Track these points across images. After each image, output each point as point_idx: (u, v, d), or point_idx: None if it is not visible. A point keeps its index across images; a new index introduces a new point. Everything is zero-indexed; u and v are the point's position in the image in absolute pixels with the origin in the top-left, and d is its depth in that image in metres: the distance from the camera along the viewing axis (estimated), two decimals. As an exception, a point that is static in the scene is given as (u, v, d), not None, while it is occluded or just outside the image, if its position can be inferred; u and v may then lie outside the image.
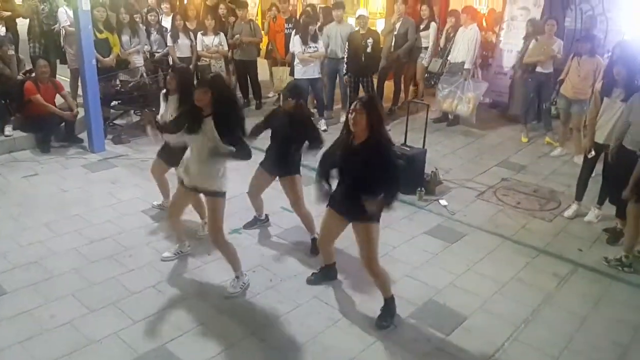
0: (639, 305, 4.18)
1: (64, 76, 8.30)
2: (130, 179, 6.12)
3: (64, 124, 6.94)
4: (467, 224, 5.34)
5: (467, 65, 7.73)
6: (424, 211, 5.61)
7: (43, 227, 4.96)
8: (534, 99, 7.68)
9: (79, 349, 3.48)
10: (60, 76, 8.08)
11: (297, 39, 7.64)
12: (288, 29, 8.66)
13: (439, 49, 8.33)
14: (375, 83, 8.31)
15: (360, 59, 7.70)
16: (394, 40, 8.23)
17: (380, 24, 10.19)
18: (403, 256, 4.72)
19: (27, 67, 7.48)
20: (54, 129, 6.90)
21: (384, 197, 3.43)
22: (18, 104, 6.91)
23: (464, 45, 7.76)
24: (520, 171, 6.71)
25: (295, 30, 8.06)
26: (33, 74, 7.00)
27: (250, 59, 8.77)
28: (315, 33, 7.70)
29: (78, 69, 7.01)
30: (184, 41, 8.29)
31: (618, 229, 5.03)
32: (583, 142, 5.81)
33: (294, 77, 7.64)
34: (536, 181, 6.40)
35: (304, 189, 4.68)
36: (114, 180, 6.06)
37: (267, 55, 9.45)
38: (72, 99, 7.39)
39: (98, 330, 3.64)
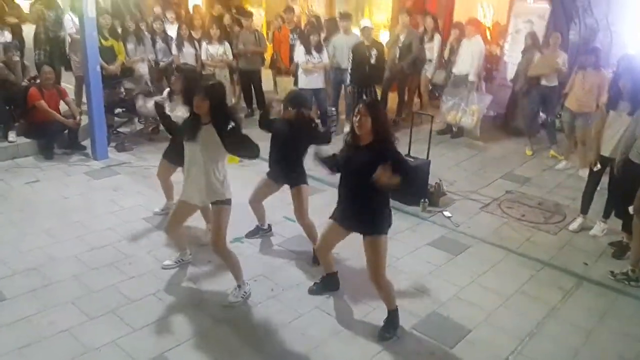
0: (646, 319, 4.13)
1: (68, 84, 8.31)
2: (132, 186, 6.09)
3: (67, 131, 6.93)
4: (471, 236, 5.30)
5: (472, 78, 7.74)
6: (428, 222, 5.56)
7: (44, 234, 4.93)
8: (537, 111, 7.67)
9: (77, 357, 3.43)
10: (66, 84, 8.09)
11: (301, 49, 7.68)
12: (293, 39, 8.69)
13: (443, 61, 8.33)
14: (379, 94, 8.31)
15: (364, 69, 7.71)
16: (398, 51, 8.25)
17: (384, 36, 10.22)
18: (406, 267, 4.67)
19: (32, 74, 7.50)
20: (57, 135, 6.90)
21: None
22: (22, 110, 6.92)
23: (468, 57, 7.77)
24: (525, 184, 6.67)
25: (299, 41, 8.09)
26: (38, 81, 7.02)
27: (254, 69, 8.80)
28: (319, 43, 7.73)
29: (83, 76, 7.02)
30: (189, 50, 8.31)
31: (624, 243, 4.98)
32: (588, 156, 5.77)
33: (298, 87, 7.64)
34: (541, 194, 6.36)
35: (309, 198, 4.63)
36: (116, 187, 6.03)
37: (272, 65, 9.47)
38: (76, 106, 7.41)
39: (97, 338, 3.60)
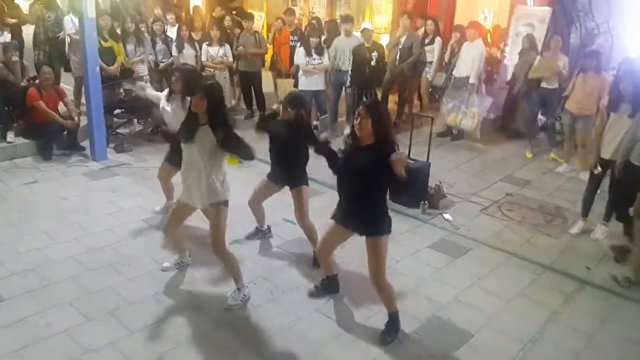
0: (648, 323, 4.11)
1: (67, 84, 8.28)
2: (131, 187, 6.06)
3: (66, 132, 6.90)
4: (472, 239, 5.27)
5: (472, 80, 7.72)
6: (428, 225, 5.54)
7: (42, 235, 4.89)
8: (537, 113, 7.67)
9: (75, 359, 3.41)
10: (65, 85, 8.06)
11: (301, 51, 7.68)
12: (293, 41, 8.68)
13: (444, 63, 8.32)
14: (379, 96, 8.29)
15: (364, 71, 7.69)
16: (398, 54, 8.24)
17: (385, 39, 10.20)
18: (406, 270, 4.64)
19: (31, 74, 7.47)
20: (55, 136, 6.86)
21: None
22: (21, 111, 6.88)
23: (468, 60, 7.76)
24: (525, 187, 6.65)
25: (300, 43, 8.08)
26: (37, 81, 6.99)
27: (254, 71, 8.78)
28: (319, 45, 7.71)
29: (82, 77, 7.00)
30: (189, 51, 8.28)
31: (626, 247, 4.95)
32: (589, 158, 5.75)
33: (298, 89, 7.62)
34: (541, 197, 6.34)
35: (310, 201, 4.60)
36: (115, 188, 6.00)
37: (272, 67, 9.45)
38: (75, 107, 7.38)
39: (95, 340, 3.57)
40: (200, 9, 11.24)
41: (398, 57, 8.24)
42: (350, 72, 7.82)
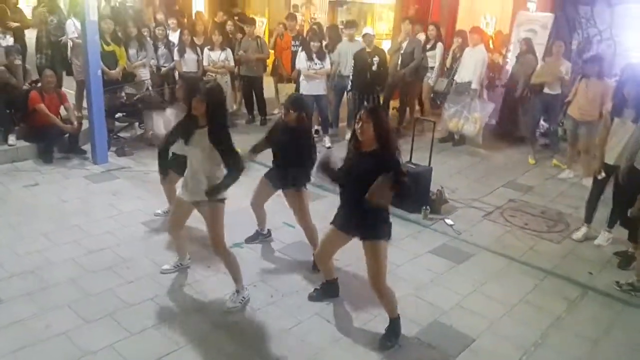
0: (653, 330, 4.06)
1: (69, 88, 8.28)
2: (131, 190, 6.05)
3: (67, 135, 6.90)
4: (474, 244, 5.23)
5: (474, 85, 7.71)
6: (429, 230, 5.50)
7: (41, 237, 4.87)
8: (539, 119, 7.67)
9: (73, 361, 3.38)
10: (67, 89, 8.05)
11: (303, 56, 7.69)
12: (295, 46, 8.68)
13: (445, 68, 8.30)
14: (381, 101, 8.28)
15: (365, 76, 7.69)
16: (400, 59, 8.23)
17: (386, 45, 10.22)
18: (407, 275, 4.61)
19: (33, 78, 7.48)
20: (56, 139, 6.86)
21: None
22: (22, 114, 6.88)
23: (470, 66, 7.74)
24: (528, 192, 6.62)
25: (301, 48, 8.08)
26: (39, 84, 6.99)
27: (256, 75, 8.77)
28: (321, 50, 7.72)
29: (84, 81, 6.99)
30: (190, 56, 8.29)
31: (630, 253, 4.91)
32: (592, 164, 5.72)
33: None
34: (544, 203, 6.31)
35: (310, 204, 4.58)
36: (115, 191, 5.98)
37: (273, 72, 9.46)
38: (77, 111, 7.39)
39: (93, 342, 3.54)
40: (203, 14, 11.30)
41: (400, 62, 8.23)
42: (351, 77, 7.82)
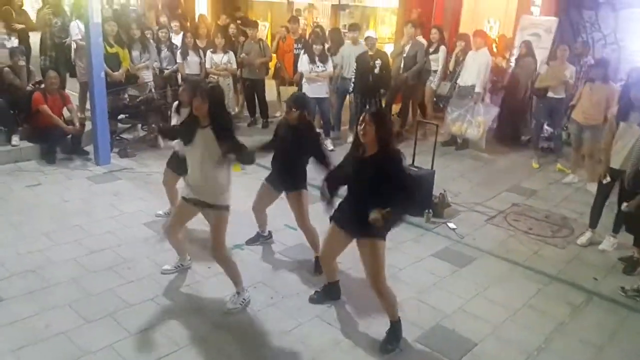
0: (658, 336, 4.01)
1: (73, 90, 8.30)
2: (133, 191, 6.04)
3: (70, 136, 6.90)
4: (477, 248, 5.20)
5: (478, 89, 7.66)
6: (432, 233, 5.47)
7: (43, 237, 4.86)
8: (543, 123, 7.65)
9: (72, 360, 3.35)
10: (71, 91, 8.07)
11: (305, 58, 7.69)
12: (297, 49, 8.68)
13: (448, 72, 8.28)
14: (383, 104, 8.25)
15: (367, 79, 7.68)
16: (402, 62, 8.22)
17: (389, 49, 10.21)
18: (409, 278, 4.57)
19: (37, 79, 7.49)
20: (59, 140, 6.86)
21: (393, 208, 3.29)
22: (26, 115, 6.90)
23: (473, 69, 7.70)
24: (531, 197, 6.58)
25: (304, 50, 8.08)
26: (42, 85, 7.00)
27: (258, 78, 8.75)
28: (323, 53, 7.71)
29: (87, 82, 7.00)
30: (193, 58, 8.30)
31: (635, 258, 4.86)
32: (597, 169, 5.68)
33: (301, 96, 7.60)
34: (548, 207, 6.27)
35: (310, 206, 4.55)
36: (117, 192, 5.98)
37: (275, 75, 9.46)
38: (80, 113, 7.39)
39: (93, 342, 3.52)
40: (206, 17, 11.30)
41: (402, 66, 8.22)
42: (353, 80, 7.81)
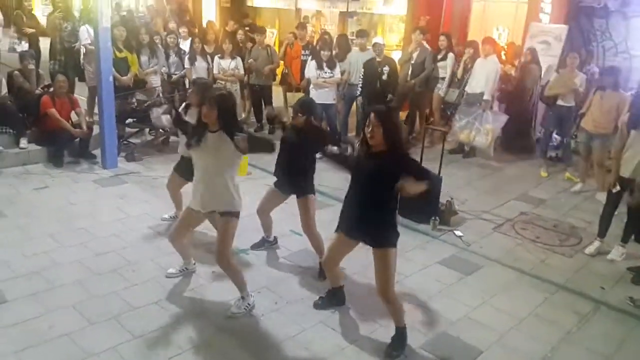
0: (667, 347, 3.95)
1: (82, 94, 8.34)
2: (139, 195, 6.05)
3: (78, 139, 6.93)
4: (483, 256, 5.15)
5: (487, 97, 7.62)
6: (438, 241, 5.43)
7: (48, 238, 4.87)
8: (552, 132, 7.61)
9: (75, 362, 3.34)
10: (79, 95, 8.11)
11: (313, 64, 7.70)
12: (305, 56, 8.70)
13: (456, 79, 8.25)
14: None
15: (375, 86, 7.68)
16: (410, 69, 8.20)
17: (396, 56, 10.21)
18: (415, 285, 4.54)
19: (46, 83, 7.54)
20: (67, 144, 6.90)
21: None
22: (34, 118, 6.93)
23: (482, 76, 7.67)
24: (540, 205, 6.52)
25: (311, 57, 8.09)
26: (51, 89, 7.05)
27: (265, 84, 8.76)
28: (331, 59, 7.72)
29: (96, 87, 7.04)
30: (201, 64, 8.33)
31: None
32: (607, 178, 5.62)
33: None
34: (556, 216, 6.21)
35: (316, 213, 4.54)
36: (123, 195, 5.99)
37: (282, 81, 9.47)
38: (88, 117, 7.43)
39: (97, 344, 3.51)
40: (214, 23, 11.37)
41: (410, 73, 8.20)
42: (360, 86, 7.80)
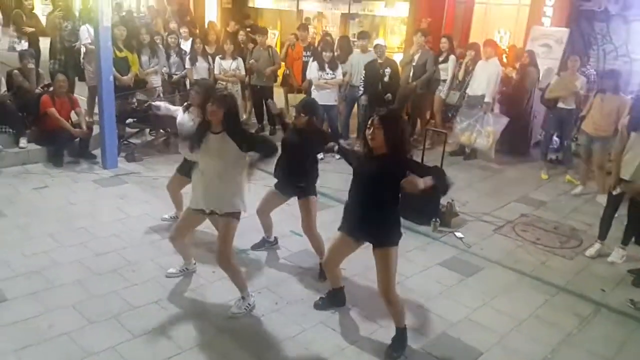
0: (668, 350, 3.94)
1: (82, 94, 8.34)
2: (139, 195, 6.04)
3: (78, 139, 6.92)
4: (484, 258, 5.15)
5: (488, 99, 7.62)
6: (439, 242, 5.42)
7: (48, 238, 4.86)
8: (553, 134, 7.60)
9: (74, 361, 3.34)
10: (79, 95, 8.11)
11: (315, 65, 7.71)
12: (306, 57, 8.70)
13: (457, 81, 8.25)
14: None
15: (377, 87, 7.67)
16: (412, 71, 8.21)
17: (398, 58, 10.21)
18: (416, 286, 4.53)
19: (46, 82, 7.53)
20: (67, 143, 6.89)
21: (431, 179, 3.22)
22: (34, 117, 6.92)
23: (483, 78, 7.67)
24: (540, 208, 6.52)
25: (313, 58, 8.09)
26: (51, 89, 7.04)
27: (266, 85, 8.75)
28: (333, 60, 7.72)
29: (96, 87, 7.04)
30: (202, 64, 8.33)
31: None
32: (607, 180, 5.62)
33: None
34: (556, 218, 6.20)
35: (317, 214, 4.53)
36: (123, 195, 5.98)
37: (284, 83, 9.47)
38: (88, 117, 7.41)
39: (96, 343, 3.50)
40: (215, 24, 11.37)
41: (411, 75, 8.20)
42: (362, 88, 7.80)
